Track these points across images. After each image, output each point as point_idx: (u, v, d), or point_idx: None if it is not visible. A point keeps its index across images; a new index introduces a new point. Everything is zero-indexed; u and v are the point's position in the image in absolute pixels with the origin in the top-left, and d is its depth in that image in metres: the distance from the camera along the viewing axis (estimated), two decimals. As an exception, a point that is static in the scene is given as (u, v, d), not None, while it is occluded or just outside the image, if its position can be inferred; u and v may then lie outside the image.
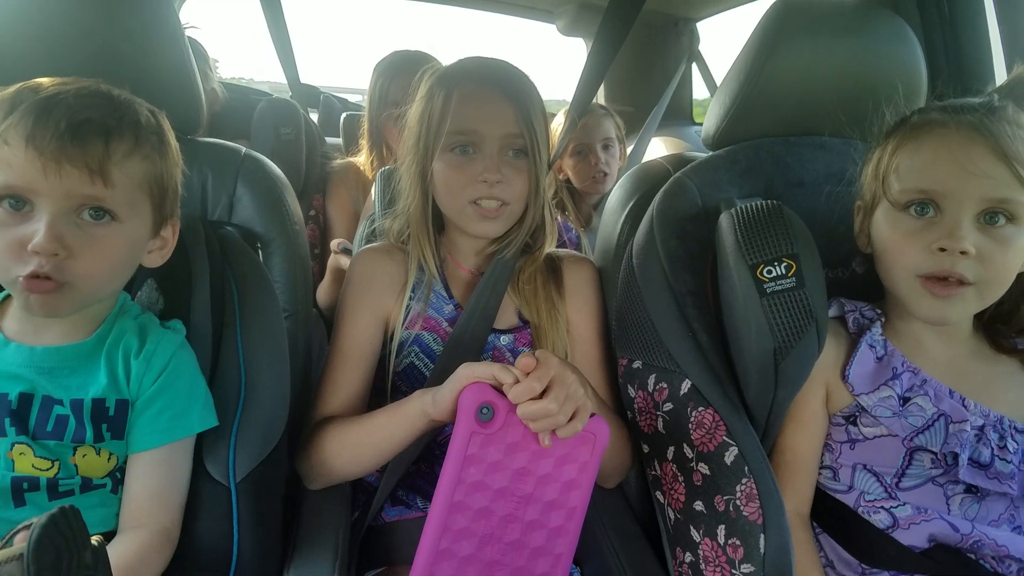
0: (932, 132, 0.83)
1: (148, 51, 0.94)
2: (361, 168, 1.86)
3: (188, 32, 1.05)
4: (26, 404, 0.78)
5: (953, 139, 0.80)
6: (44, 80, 0.76)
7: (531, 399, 0.75)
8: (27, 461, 0.77)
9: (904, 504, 0.87)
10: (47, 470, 0.78)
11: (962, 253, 0.79)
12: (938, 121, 0.83)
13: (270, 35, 2.00)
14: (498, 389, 0.77)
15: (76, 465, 0.80)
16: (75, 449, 0.79)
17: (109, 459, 0.82)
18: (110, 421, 0.81)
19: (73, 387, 0.80)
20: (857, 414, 0.90)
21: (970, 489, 0.86)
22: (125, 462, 0.84)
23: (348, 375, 1.01)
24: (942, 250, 0.80)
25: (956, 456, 0.84)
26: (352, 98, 3.08)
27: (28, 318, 0.81)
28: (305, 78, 2.39)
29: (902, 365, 0.89)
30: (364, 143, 1.83)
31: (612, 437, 0.83)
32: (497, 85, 0.99)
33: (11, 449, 0.77)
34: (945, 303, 0.82)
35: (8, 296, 0.83)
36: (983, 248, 0.79)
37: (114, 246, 0.77)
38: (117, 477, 0.83)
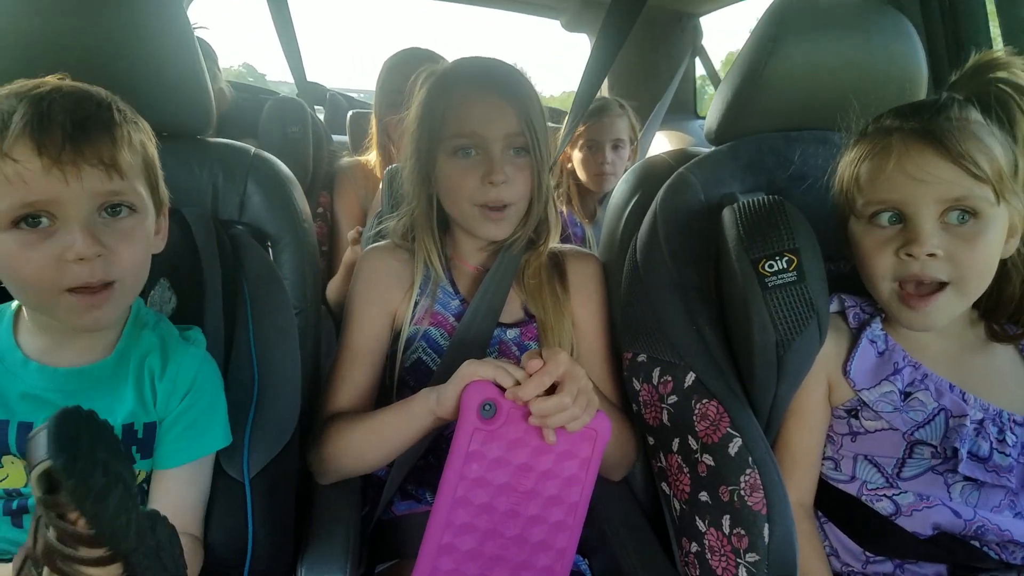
0: (883, 142, 0.84)
1: (158, 54, 0.95)
2: (370, 166, 1.87)
3: (197, 32, 1.06)
4: None
5: (901, 148, 0.82)
6: (5, 89, 0.72)
7: (541, 396, 0.76)
8: None
9: (906, 492, 0.88)
10: None
11: (929, 256, 0.80)
12: (888, 129, 0.84)
13: (276, 34, 2.01)
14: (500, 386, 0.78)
15: None
16: None
17: (137, 475, 0.82)
18: (139, 443, 0.81)
19: (101, 411, 0.78)
20: (858, 408, 0.91)
21: (969, 477, 0.87)
22: (150, 474, 0.84)
23: (357, 372, 1.03)
24: (910, 255, 0.82)
25: (956, 450, 0.85)
26: (358, 96, 3.09)
27: (46, 333, 0.79)
28: (312, 78, 2.40)
29: (903, 360, 0.90)
30: (373, 142, 1.84)
31: (615, 432, 0.83)
32: (495, 85, 0.99)
33: None
34: (925, 313, 0.84)
35: (18, 309, 0.81)
36: (951, 248, 0.81)
37: (140, 237, 0.76)
38: (144, 488, 0.84)
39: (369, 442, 0.94)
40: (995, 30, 1.35)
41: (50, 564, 0.53)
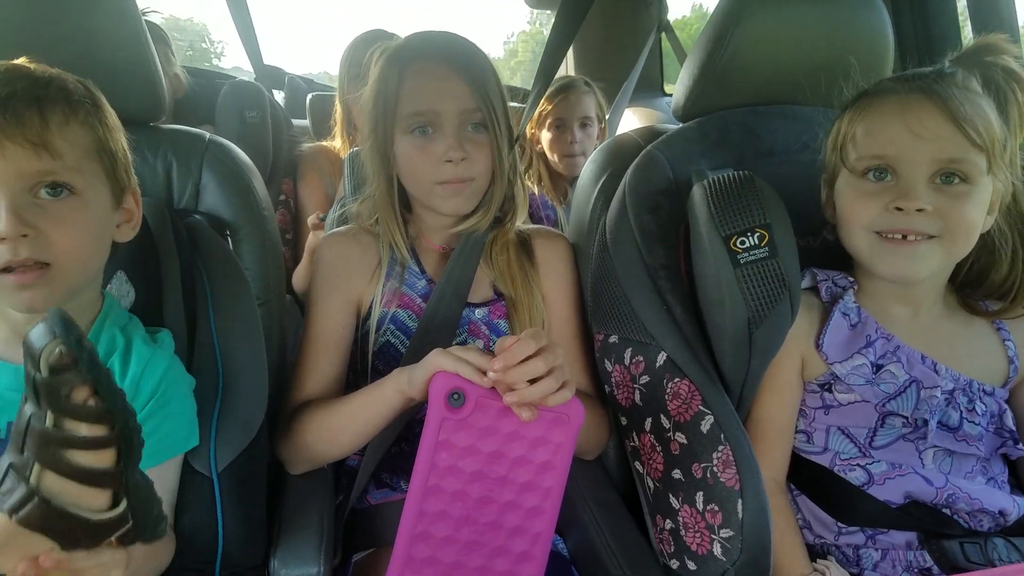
0: (884, 100, 0.85)
1: (103, 38, 0.92)
2: (334, 151, 1.83)
3: (148, 17, 1.02)
4: None
5: (903, 104, 0.83)
6: None
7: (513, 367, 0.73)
8: None
9: (879, 461, 0.89)
10: None
11: (918, 211, 0.81)
12: (890, 89, 0.86)
13: (231, 16, 1.95)
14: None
15: None
16: None
17: None
18: None
19: None
20: (831, 382, 0.92)
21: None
22: None
23: (323, 360, 1.01)
24: (899, 209, 0.82)
25: (926, 421, 0.86)
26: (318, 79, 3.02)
27: (11, 329, 0.76)
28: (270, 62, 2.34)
29: (875, 332, 0.90)
30: (338, 126, 1.80)
31: (586, 416, 0.83)
32: (448, 60, 0.97)
33: None
34: (908, 259, 0.84)
35: None
36: (940, 205, 0.81)
37: (82, 220, 0.73)
38: None
39: (342, 426, 0.93)
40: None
41: (43, 457, 0.52)
